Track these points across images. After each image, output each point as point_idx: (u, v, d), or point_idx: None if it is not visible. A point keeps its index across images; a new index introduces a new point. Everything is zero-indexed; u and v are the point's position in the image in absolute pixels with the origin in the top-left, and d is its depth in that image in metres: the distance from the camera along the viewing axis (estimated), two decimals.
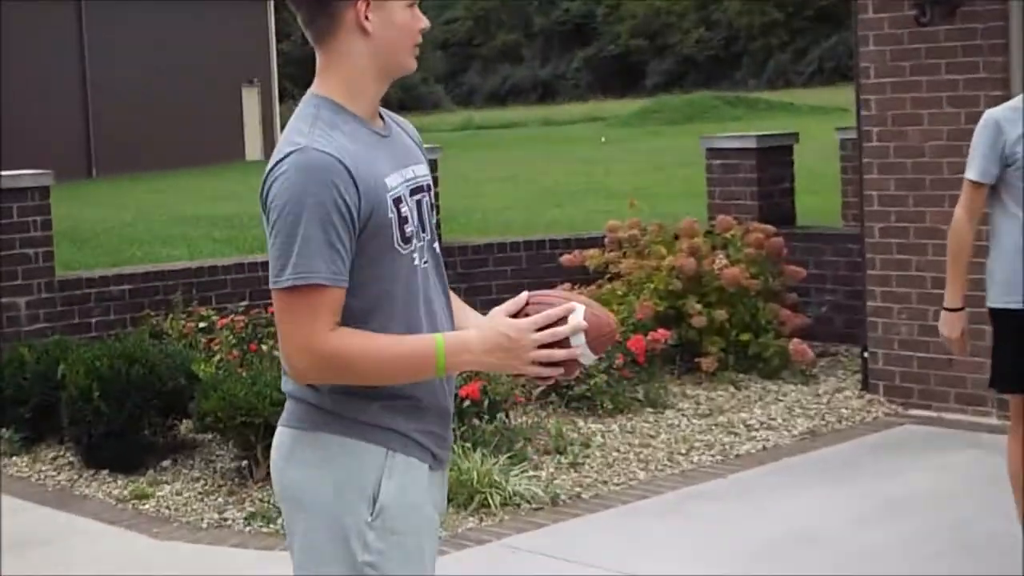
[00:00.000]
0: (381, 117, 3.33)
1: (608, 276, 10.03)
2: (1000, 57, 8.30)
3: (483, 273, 11.22)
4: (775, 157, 11.17)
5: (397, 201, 3.17)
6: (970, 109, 8.20)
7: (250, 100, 46.17)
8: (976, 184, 5.53)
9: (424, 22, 3.27)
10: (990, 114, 5.58)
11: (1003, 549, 5.84)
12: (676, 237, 10.07)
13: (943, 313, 5.69)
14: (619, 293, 9.75)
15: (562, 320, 3.12)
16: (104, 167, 39.12)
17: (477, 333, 3.16)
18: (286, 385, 3.26)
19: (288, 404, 3.27)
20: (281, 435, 3.27)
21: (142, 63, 40.18)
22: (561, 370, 3.15)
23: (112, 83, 39.53)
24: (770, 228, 10.18)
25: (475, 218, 20.00)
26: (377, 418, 3.18)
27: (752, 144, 11.12)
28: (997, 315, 5.58)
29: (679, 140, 29.25)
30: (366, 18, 3.15)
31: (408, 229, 3.19)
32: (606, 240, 10.33)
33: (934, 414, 8.59)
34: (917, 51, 8.60)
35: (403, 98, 62.20)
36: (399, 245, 3.16)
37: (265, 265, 3.38)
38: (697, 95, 53.45)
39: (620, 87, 67.76)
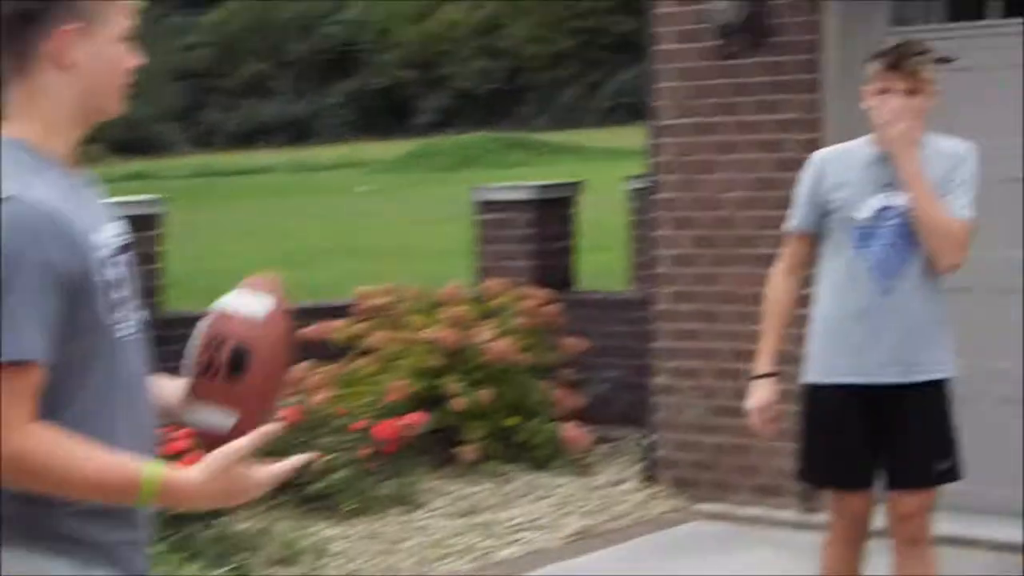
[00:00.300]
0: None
1: (357, 352, 9.91)
2: (810, 95, 8.47)
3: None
4: (556, 210, 11.32)
5: (104, 262, 3.05)
6: (775, 154, 8.42)
7: None
8: (795, 233, 5.68)
9: (137, 59, 3.16)
10: (816, 154, 5.75)
11: None
12: (437, 305, 10.07)
13: (750, 383, 5.72)
14: (369, 371, 9.68)
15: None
16: None
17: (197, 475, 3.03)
18: None
19: None
20: None
21: None
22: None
23: None
24: (546, 293, 10.29)
25: (200, 284, 19.69)
26: (64, 527, 3.03)
27: (529, 195, 11.22)
28: (808, 392, 5.67)
29: (450, 189, 29.33)
30: (69, 49, 3.05)
31: (116, 295, 3.06)
32: (356, 309, 10.20)
33: (726, 508, 8.66)
34: (718, 88, 8.72)
35: (127, 138, 60.86)
36: (106, 314, 3.03)
37: None
38: (474, 136, 53.88)
39: (386, 126, 67.86)
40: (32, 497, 3.03)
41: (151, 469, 2.97)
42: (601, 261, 14.67)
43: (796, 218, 5.68)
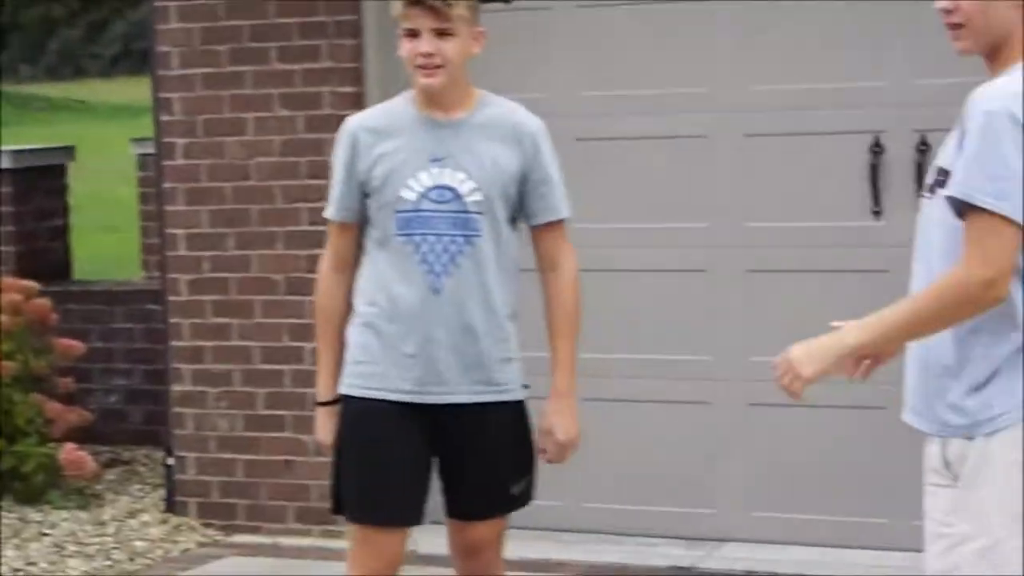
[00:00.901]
0: None
1: None
2: (350, 40, 8.57)
3: None
4: (43, 183, 11.27)
5: None
6: (311, 111, 8.55)
7: None
8: (333, 224, 5.72)
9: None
10: (349, 121, 5.74)
11: None
12: None
13: (317, 409, 5.81)
14: None
15: None
16: None
17: None
18: None
19: None
20: None
21: None
22: None
23: None
24: (33, 285, 10.14)
25: None
26: None
27: (6, 164, 11.06)
28: (345, 403, 5.68)
29: None
30: None
31: None
32: None
33: (267, 540, 8.74)
34: (239, 31, 8.72)
35: None
36: None
37: None
38: None
39: None
40: None
41: None
42: (107, 244, 14.54)
43: (334, 203, 5.66)
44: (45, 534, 8.99)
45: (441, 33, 5.41)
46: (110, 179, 15.01)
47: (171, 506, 9.18)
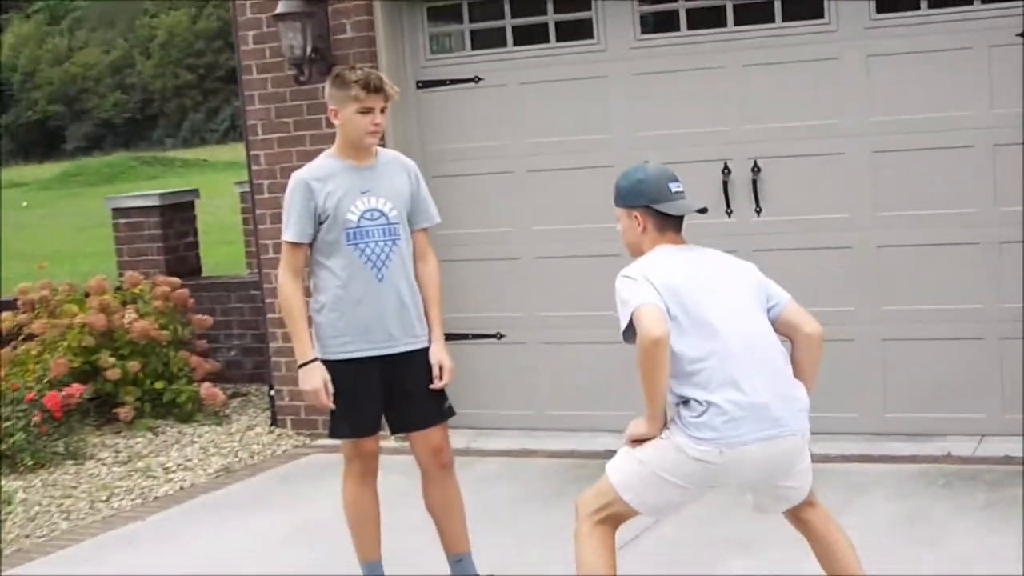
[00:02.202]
0: None
1: (22, 337, 9.67)
2: None
3: None
4: (179, 213, 11.13)
5: None
6: None
7: None
8: (293, 244, 5.46)
9: None
10: (298, 175, 5.54)
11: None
12: (87, 295, 9.84)
13: (300, 371, 5.47)
14: (34, 353, 9.44)
15: None
16: None
17: None
18: None
19: None
20: None
21: None
22: None
23: None
24: (176, 281, 10.15)
25: None
26: None
27: (156, 202, 11.04)
28: (326, 367, 5.49)
29: (98, 201, 28.48)
30: None
31: None
32: (19, 303, 9.93)
33: (336, 443, 8.60)
34: (299, 107, 8.61)
35: None
36: None
37: None
38: (116, 156, 52.36)
39: (41, 153, 65.61)
40: None
41: None
42: (226, 253, 14.41)
43: (293, 231, 5.43)
44: (194, 442, 9.04)
45: (383, 109, 5.41)
46: (224, 210, 14.95)
47: (274, 422, 9.14)
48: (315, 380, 5.37)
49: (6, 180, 53.35)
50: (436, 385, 5.53)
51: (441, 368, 5.50)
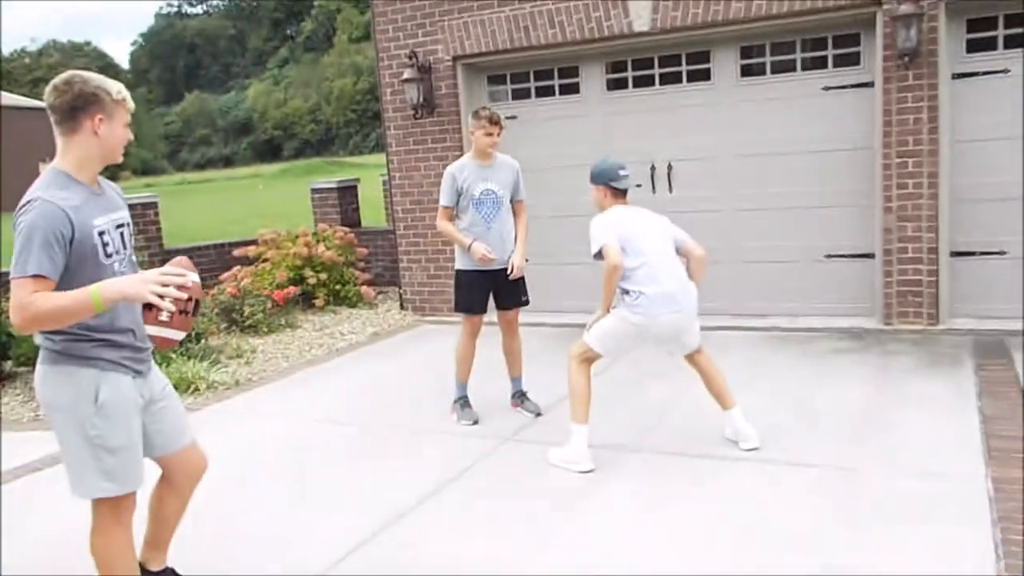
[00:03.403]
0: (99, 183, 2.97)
1: (262, 260, 9.66)
2: (458, 136, 8.29)
3: (195, 262, 10.42)
4: (348, 192, 11.00)
5: (101, 233, 2.87)
6: (443, 163, 8.18)
7: None
8: (444, 207, 5.24)
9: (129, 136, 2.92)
10: (449, 168, 5.26)
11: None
12: (297, 237, 9.79)
13: (471, 247, 5.13)
14: (267, 269, 9.42)
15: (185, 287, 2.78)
16: None
17: (124, 277, 2.79)
18: (37, 338, 2.93)
19: (40, 350, 2.94)
20: (37, 370, 2.96)
21: None
22: (168, 306, 2.72)
23: None
24: (346, 229, 10.07)
25: (186, 232, 18.88)
26: (90, 353, 2.91)
27: (335, 185, 10.93)
28: (458, 273, 5.31)
29: (302, 187, 28.46)
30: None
31: (109, 250, 2.88)
32: (259, 241, 9.91)
33: (437, 319, 8.58)
34: (415, 131, 8.50)
35: (142, 167, 58.04)
36: (103, 259, 2.87)
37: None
38: (312, 161, 52.37)
39: (270, 157, 65.89)
40: (73, 339, 2.85)
41: (93, 288, 2.72)
42: (373, 215, 14.13)
43: (444, 199, 5.18)
44: (358, 318, 8.91)
45: (498, 133, 5.15)
46: (373, 191, 14.82)
47: (402, 307, 8.99)
48: (480, 248, 5.12)
49: (249, 173, 53.51)
50: (513, 276, 5.22)
51: (513, 267, 5.23)
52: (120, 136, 2.91)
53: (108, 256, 2.89)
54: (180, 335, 2.81)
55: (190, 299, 2.76)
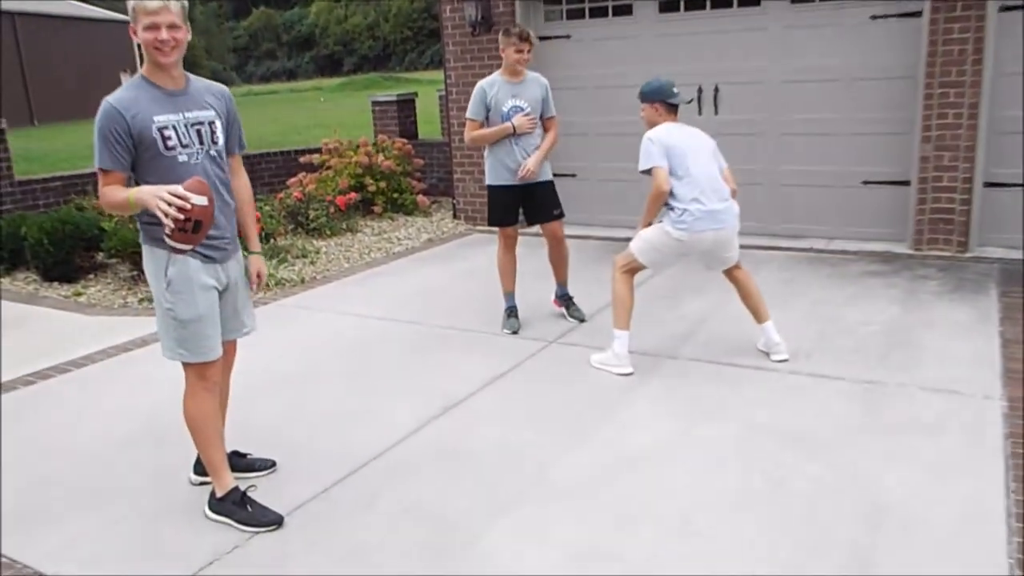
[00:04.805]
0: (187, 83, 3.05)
1: (325, 167, 9.67)
2: (493, 46, 8.15)
3: (263, 167, 10.62)
4: (406, 105, 10.87)
5: (162, 128, 2.96)
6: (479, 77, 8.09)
7: None
8: (472, 120, 5.03)
9: (160, 35, 2.92)
10: (478, 85, 4.98)
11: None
12: (359, 147, 9.78)
13: (514, 121, 4.95)
14: (331, 176, 9.44)
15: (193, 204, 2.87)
16: (41, 117, 32.30)
17: (147, 187, 2.88)
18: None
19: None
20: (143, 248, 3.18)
21: None
22: (168, 223, 2.82)
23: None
24: (404, 140, 9.99)
25: (252, 139, 18.94)
26: (163, 235, 3.03)
27: (394, 99, 10.79)
28: (489, 189, 5.18)
29: (360, 100, 28.16)
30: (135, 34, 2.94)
31: (171, 143, 2.97)
32: (323, 149, 9.91)
33: (485, 228, 8.56)
34: (472, 47, 8.39)
35: (212, 77, 58.11)
36: (164, 151, 2.98)
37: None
38: (371, 76, 51.74)
39: (330, 71, 65.19)
40: (148, 224, 3.00)
41: (133, 191, 2.85)
42: (431, 128, 14.04)
43: (472, 112, 4.99)
44: (413, 224, 8.90)
45: (528, 50, 4.81)
46: (430, 105, 14.62)
47: (455, 216, 8.99)
48: (523, 121, 4.92)
49: (311, 86, 53.10)
50: (520, 175, 4.98)
51: (528, 169, 4.98)
52: (145, 39, 2.91)
53: (169, 149, 2.96)
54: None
55: (188, 220, 2.82)
